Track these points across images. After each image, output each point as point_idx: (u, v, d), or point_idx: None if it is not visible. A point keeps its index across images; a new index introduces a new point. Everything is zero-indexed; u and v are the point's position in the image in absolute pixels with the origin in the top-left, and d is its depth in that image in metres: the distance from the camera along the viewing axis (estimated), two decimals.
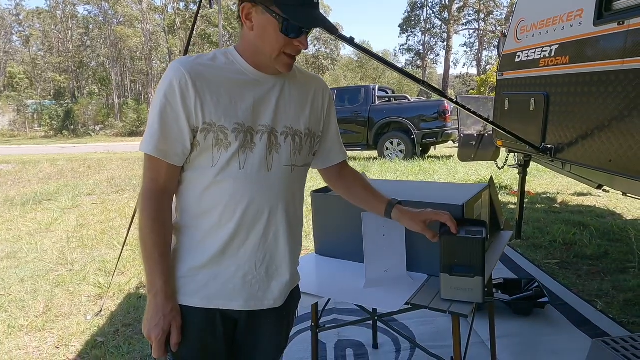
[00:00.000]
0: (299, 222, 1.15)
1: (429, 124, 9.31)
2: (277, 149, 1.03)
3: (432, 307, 1.32)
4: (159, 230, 0.99)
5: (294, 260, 1.13)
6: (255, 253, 1.04)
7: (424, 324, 2.42)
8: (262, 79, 1.03)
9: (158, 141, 0.96)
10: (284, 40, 0.95)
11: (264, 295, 1.08)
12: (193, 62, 0.97)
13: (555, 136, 2.91)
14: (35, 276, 3.44)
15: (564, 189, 6.08)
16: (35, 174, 9.46)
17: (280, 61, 0.99)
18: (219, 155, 0.98)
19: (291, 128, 1.06)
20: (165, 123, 0.96)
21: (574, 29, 2.72)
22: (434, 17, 33.35)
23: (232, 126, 0.97)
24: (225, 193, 1.00)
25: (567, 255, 3.54)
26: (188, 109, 0.95)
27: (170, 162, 0.98)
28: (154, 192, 0.99)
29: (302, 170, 1.11)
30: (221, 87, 0.98)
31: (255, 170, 1.00)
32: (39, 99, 30.62)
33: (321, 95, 1.16)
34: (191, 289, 1.03)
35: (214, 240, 1.02)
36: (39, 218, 5.36)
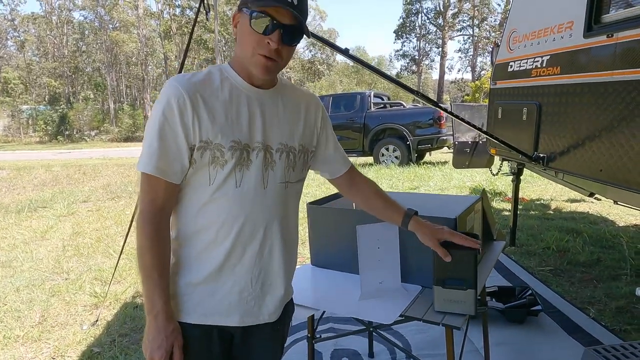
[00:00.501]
0: (294, 236, 1.17)
1: (424, 130, 9.37)
2: (272, 166, 1.04)
3: (426, 319, 1.34)
4: (157, 250, 0.99)
5: (288, 275, 1.15)
6: (251, 269, 1.05)
7: (419, 333, 2.44)
8: (256, 95, 1.04)
9: (157, 160, 0.96)
10: (255, 37, 0.94)
11: (260, 310, 1.09)
12: (189, 80, 0.98)
13: (547, 145, 2.95)
14: (31, 285, 3.43)
15: (557, 195, 6.13)
16: (29, 180, 9.42)
17: (255, 62, 0.97)
18: (215, 173, 0.99)
19: (286, 145, 1.07)
20: (164, 141, 0.96)
21: (564, 41, 2.77)
22: (429, 23, 33.63)
23: (228, 144, 0.98)
24: (222, 211, 1.01)
25: (561, 262, 3.57)
26: (186, 127, 0.95)
27: (170, 180, 0.98)
28: (152, 212, 0.99)
29: (296, 186, 1.13)
30: (217, 104, 0.98)
31: (251, 188, 1.02)
32: (33, 104, 30.50)
33: (314, 111, 1.17)
34: (188, 306, 1.04)
35: (211, 257, 1.03)
36: (34, 226, 5.34)
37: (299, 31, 0.96)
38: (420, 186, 7.07)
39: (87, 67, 34.09)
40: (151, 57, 32.39)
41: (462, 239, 1.25)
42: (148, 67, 31.60)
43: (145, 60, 30.32)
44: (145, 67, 30.43)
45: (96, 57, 33.25)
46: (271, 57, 0.95)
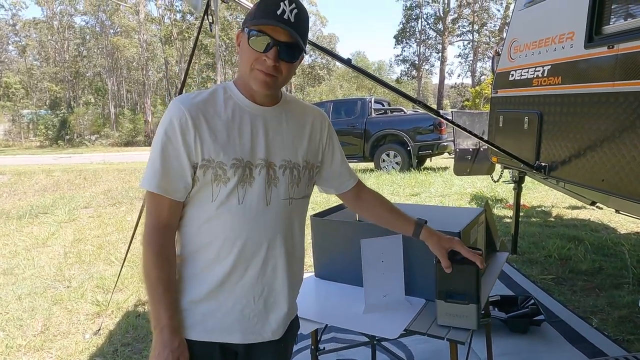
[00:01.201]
0: (299, 253, 1.17)
1: (425, 136, 9.39)
2: (275, 183, 1.05)
3: (430, 333, 1.34)
4: (162, 266, 1.01)
5: (293, 292, 1.15)
6: (253, 287, 1.06)
7: (422, 343, 2.44)
8: (259, 112, 1.05)
9: (160, 179, 0.99)
10: (254, 54, 0.97)
11: (262, 328, 1.09)
12: (192, 100, 1.01)
13: (549, 154, 2.96)
14: (33, 293, 3.43)
15: (558, 202, 6.14)
16: (30, 185, 9.42)
17: (253, 77, 0.99)
18: (218, 190, 1.00)
19: (289, 161, 1.08)
20: (167, 160, 0.99)
21: (565, 51, 2.79)
22: (429, 28, 33.75)
23: (230, 162, 1.00)
24: (224, 227, 1.02)
25: (563, 271, 3.57)
26: (188, 146, 0.98)
27: (173, 198, 1.01)
28: (158, 228, 1.02)
29: (301, 202, 1.13)
30: (219, 123, 1.00)
31: (254, 205, 1.02)
32: (34, 109, 30.57)
33: (319, 127, 1.18)
34: (190, 322, 1.05)
35: (213, 273, 1.03)
36: (35, 232, 5.34)
37: (297, 48, 0.98)
38: (421, 192, 7.08)
39: (88, 72, 34.17)
40: (152, 62, 32.49)
41: (470, 253, 1.25)
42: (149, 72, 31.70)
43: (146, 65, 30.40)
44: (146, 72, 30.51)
45: (97, 61, 33.36)
46: (269, 72, 0.98)
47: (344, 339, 2.51)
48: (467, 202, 6.33)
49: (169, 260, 1.03)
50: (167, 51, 31.58)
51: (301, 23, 0.98)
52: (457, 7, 31.29)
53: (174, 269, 1.04)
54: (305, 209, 1.17)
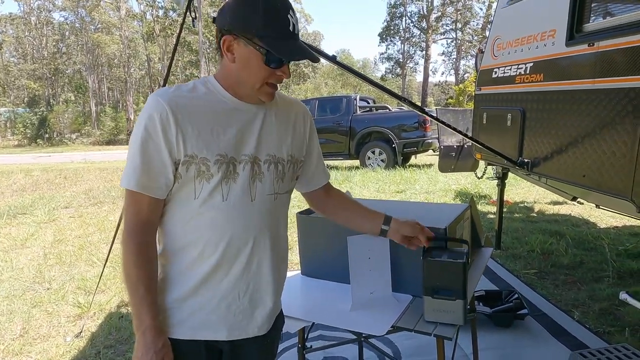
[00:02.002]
0: (284, 248, 1.16)
1: (410, 133, 9.45)
2: (260, 178, 1.04)
3: (417, 329, 1.34)
4: (143, 265, 0.98)
5: (278, 287, 1.14)
6: (238, 283, 1.04)
7: (408, 339, 2.45)
8: (243, 108, 1.03)
9: (140, 176, 0.96)
10: (267, 71, 0.97)
11: (248, 324, 1.08)
12: (173, 94, 0.97)
13: (531, 151, 3.00)
14: (11, 296, 3.33)
15: (540, 197, 6.25)
16: (8, 185, 9.18)
17: (263, 91, 1.00)
18: (200, 187, 0.98)
19: (274, 156, 1.06)
20: (147, 157, 0.95)
21: (547, 48, 2.82)
22: (413, 26, 33.97)
23: (214, 157, 0.97)
24: (208, 225, 1.00)
25: (545, 265, 3.64)
26: (170, 142, 0.95)
27: (154, 195, 0.98)
28: (137, 226, 0.99)
29: (285, 197, 1.12)
30: (202, 118, 0.98)
31: (238, 201, 1.01)
32: (12, 107, 29.78)
33: (302, 121, 1.17)
34: (176, 321, 1.03)
35: (198, 271, 1.02)
36: (13, 233, 5.20)
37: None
38: (406, 189, 7.12)
39: (68, 69, 33.47)
40: (134, 59, 31.97)
41: (425, 238, 1.29)
42: (131, 69, 31.18)
43: (128, 62, 29.92)
44: (127, 69, 30.01)
45: (77, 58, 32.67)
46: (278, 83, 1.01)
47: (331, 337, 2.50)
48: (452, 199, 6.40)
49: (149, 259, 1.00)
50: (150, 48, 31.10)
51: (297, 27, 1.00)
52: (440, 5, 31.58)
53: (155, 268, 1.02)
54: (288, 203, 1.16)
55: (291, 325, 1.49)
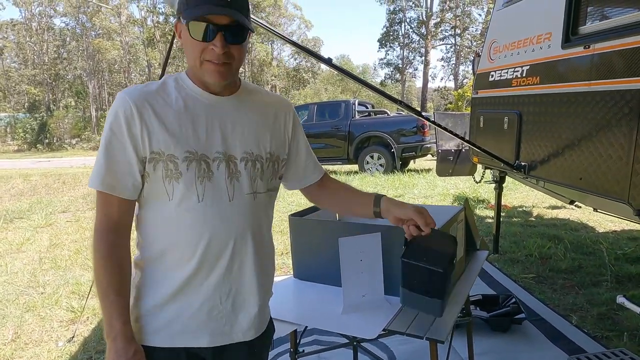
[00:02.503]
0: (268, 249, 1.10)
1: (408, 138, 9.45)
2: (237, 177, 0.99)
3: (409, 332, 1.32)
4: (113, 269, 0.95)
5: (263, 290, 1.08)
6: (219, 287, 1.00)
7: (403, 343, 2.42)
8: (214, 102, 0.99)
9: (105, 175, 0.93)
10: (198, 45, 0.91)
11: (232, 329, 1.03)
12: (140, 90, 0.95)
13: (528, 154, 2.99)
14: (5, 300, 3.30)
15: (539, 202, 6.22)
16: (6, 190, 9.16)
17: (205, 70, 0.93)
18: (172, 188, 0.94)
19: (251, 153, 1.01)
20: (112, 156, 0.93)
21: (543, 51, 2.82)
22: (412, 32, 34.10)
23: (182, 155, 0.93)
24: (186, 227, 0.96)
25: (543, 269, 3.61)
26: (134, 139, 0.92)
27: (121, 196, 0.95)
28: (107, 228, 0.96)
29: (266, 196, 1.06)
30: (170, 114, 0.94)
31: (215, 201, 0.96)
32: (12, 112, 29.83)
33: (284, 117, 1.11)
34: (154, 327, 0.99)
35: (177, 275, 0.98)
36: (9, 238, 5.17)
37: (243, 28, 0.92)
38: (404, 194, 7.10)
39: (68, 75, 33.51)
40: (134, 65, 32.07)
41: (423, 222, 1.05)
42: (131, 75, 31.28)
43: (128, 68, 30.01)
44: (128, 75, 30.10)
45: (77, 64, 32.74)
46: (220, 61, 0.92)
47: (326, 341, 2.47)
48: (450, 203, 6.37)
49: (120, 263, 0.96)
50: (150, 54, 31.19)
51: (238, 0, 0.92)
52: (439, 11, 31.71)
53: (127, 273, 0.98)
54: (272, 204, 1.11)
55: (282, 329, 1.46)
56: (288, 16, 36.14)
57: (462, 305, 1.52)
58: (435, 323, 1.38)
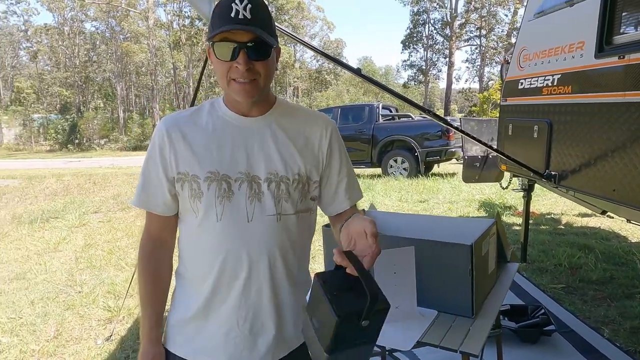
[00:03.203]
0: (294, 274, 1.04)
1: (433, 142, 9.38)
2: (259, 198, 0.98)
3: (443, 345, 1.36)
4: (147, 278, 1.05)
5: (286, 318, 1.04)
6: (236, 310, 1.00)
7: (432, 352, 2.41)
8: (245, 124, 1.00)
9: (139, 194, 1.03)
10: (223, 65, 0.93)
11: (250, 354, 1.01)
12: (174, 116, 1.03)
13: (559, 163, 2.96)
14: (45, 298, 3.47)
15: (568, 209, 6.10)
16: (41, 190, 9.53)
17: (233, 89, 0.95)
18: (196, 207, 0.98)
19: (276, 174, 0.99)
20: (147, 177, 1.02)
21: (575, 60, 2.79)
22: (436, 33, 33.76)
23: (204, 175, 0.96)
24: (205, 245, 0.99)
25: (573, 280, 3.55)
26: (164, 160, 0.99)
27: (154, 212, 1.03)
28: (145, 240, 1.06)
29: (296, 218, 1.01)
30: (197, 136, 0.99)
31: (233, 221, 0.96)
32: (45, 114, 30.95)
33: (319, 136, 1.05)
34: (179, 340, 1.05)
35: (198, 293, 1.02)
36: (46, 237, 5.41)
37: (265, 44, 0.92)
38: (429, 199, 7.07)
39: (98, 77, 34.56)
40: (160, 67, 32.80)
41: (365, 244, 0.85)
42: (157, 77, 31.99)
43: (155, 70, 30.71)
44: (154, 77, 30.81)
45: (107, 67, 33.74)
46: (246, 79, 0.93)
47: None
48: (476, 209, 6.31)
49: (155, 274, 1.05)
50: (176, 56, 31.85)
51: (259, 15, 0.92)
52: (464, 12, 31.28)
53: (162, 283, 1.06)
54: (303, 226, 1.04)
55: None
56: (311, 18, 36.31)
57: (494, 319, 1.54)
58: (469, 336, 1.40)
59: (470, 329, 1.44)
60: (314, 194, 1.05)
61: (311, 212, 1.07)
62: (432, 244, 1.53)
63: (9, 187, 10.03)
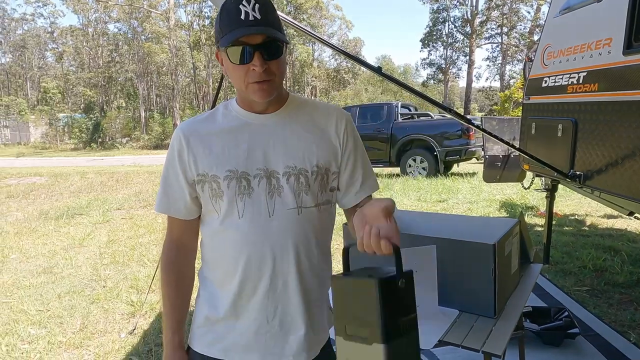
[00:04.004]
0: (318, 267, 1.05)
1: (452, 141, 9.27)
2: (279, 192, 0.99)
3: (465, 345, 1.35)
4: (169, 282, 1.07)
5: (313, 311, 1.04)
6: (265, 305, 1.00)
7: (452, 352, 2.40)
8: (257, 121, 1.01)
9: (161, 199, 1.05)
10: (240, 69, 0.93)
11: (282, 351, 1.02)
12: (191, 121, 1.05)
13: (584, 163, 2.89)
14: (72, 292, 3.58)
15: (592, 210, 5.95)
16: (66, 187, 9.80)
17: (251, 91, 0.95)
18: (218, 206, 1.00)
19: (294, 167, 0.99)
20: (166, 182, 1.04)
21: (602, 57, 2.72)
22: (456, 31, 33.31)
23: (223, 174, 0.98)
24: (228, 244, 1.00)
25: (598, 282, 3.47)
26: (183, 164, 1.01)
27: (175, 216, 1.05)
28: (167, 244, 1.08)
29: (316, 211, 1.02)
30: (214, 138, 1.00)
31: (254, 217, 0.98)
32: (69, 113, 31.79)
33: (335, 127, 1.05)
34: (209, 340, 1.05)
35: (226, 292, 1.03)
36: (72, 233, 5.56)
37: (278, 41, 0.93)
38: (448, 199, 6.99)
39: (120, 77, 35.28)
40: (181, 67, 33.28)
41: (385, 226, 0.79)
42: (178, 77, 32.48)
43: (175, 70, 31.19)
44: (175, 77, 31.29)
45: (129, 67, 34.43)
46: (262, 79, 0.93)
47: None
48: (497, 210, 6.22)
49: (177, 277, 1.07)
50: (196, 56, 32.28)
51: (268, 13, 0.92)
52: (485, 9, 30.77)
53: (184, 287, 1.08)
54: (324, 218, 1.06)
55: None
56: (329, 17, 36.29)
57: (517, 319, 1.52)
58: (491, 336, 1.39)
59: (492, 329, 1.42)
60: (332, 185, 1.06)
61: (331, 204, 1.08)
62: (454, 243, 1.52)
63: (36, 184, 10.34)
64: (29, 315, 3.16)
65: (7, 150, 25.84)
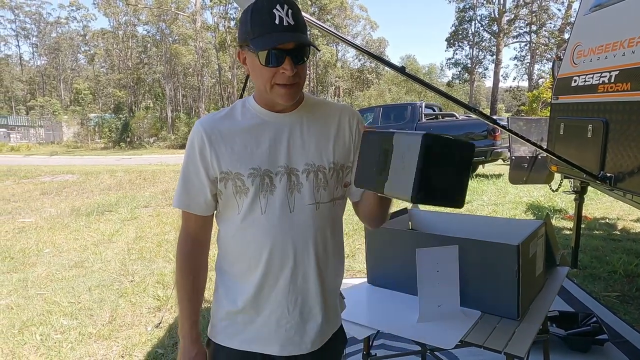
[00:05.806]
0: (333, 259, 1.11)
1: (478, 142, 9.09)
2: (298, 189, 1.03)
3: (487, 346, 1.34)
4: (187, 276, 1.09)
5: (329, 301, 1.11)
6: (286, 297, 1.05)
7: (473, 355, 2.38)
8: (276, 120, 1.04)
9: (180, 195, 1.07)
10: (269, 71, 0.95)
11: (301, 339, 1.07)
12: (211, 118, 1.05)
13: (615, 165, 2.80)
14: (101, 286, 3.71)
15: (624, 214, 5.74)
16: (97, 184, 10.13)
17: (275, 93, 0.98)
18: (242, 202, 1.03)
19: (313, 164, 1.04)
20: (187, 179, 1.06)
21: (635, 56, 2.63)
22: (483, 30, 32.68)
23: (247, 172, 1.01)
24: (250, 239, 1.04)
25: (629, 289, 3.35)
26: (205, 162, 1.02)
27: (195, 213, 1.07)
28: (185, 240, 1.10)
29: (331, 206, 1.08)
30: (235, 136, 1.02)
31: (276, 213, 1.02)
32: (100, 113, 32.81)
33: (347, 124, 1.10)
34: (230, 332, 1.09)
35: (246, 285, 1.06)
36: (101, 229, 5.75)
37: (305, 47, 0.96)
38: (473, 200, 6.88)
39: (148, 78, 36.21)
40: (207, 68, 33.87)
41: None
42: (203, 78, 33.07)
43: (201, 71, 31.75)
44: (201, 78, 31.86)
45: (157, 68, 35.28)
46: (290, 83, 0.96)
47: (393, 347, 2.51)
48: (523, 212, 6.08)
49: (193, 272, 1.09)
50: (221, 57, 32.78)
51: (299, 19, 0.95)
52: (513, 7, 30.07)
53: (200, 281, 1.11)
54: (339, 213, 1.13)
55: (358, 332, 1.54)
56: (353, 17, 36.21)
57: (541, 322, 1.49)
58: (514, 338, 1.38)
59: (515, 331, 1.41)
60: (346, 180, 1.11)
61: (344, 198, 1.14)
62: (478, 244, 1.51)
63: (68, 181, 10.72)
64: (62, 307, 3.29)
65: (42, 149, 26.89)
